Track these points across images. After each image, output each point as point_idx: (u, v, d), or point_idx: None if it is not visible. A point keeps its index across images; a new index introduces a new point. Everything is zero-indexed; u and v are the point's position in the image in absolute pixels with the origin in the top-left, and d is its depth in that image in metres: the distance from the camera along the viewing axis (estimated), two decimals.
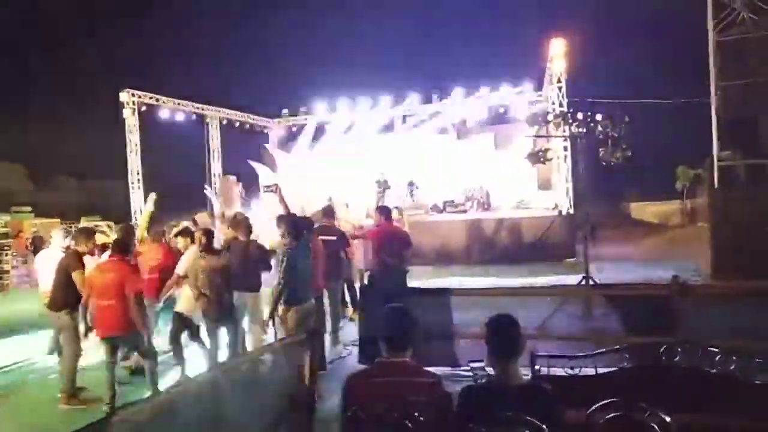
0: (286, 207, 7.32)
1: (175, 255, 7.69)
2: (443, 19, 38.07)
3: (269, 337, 6.96)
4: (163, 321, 7.79)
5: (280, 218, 7.20)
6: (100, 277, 6.11)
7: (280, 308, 6.31)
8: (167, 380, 6.67)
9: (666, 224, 25.23)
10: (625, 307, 6.28)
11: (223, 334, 6.86)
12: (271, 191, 7.45)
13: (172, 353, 7.20)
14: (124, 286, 6.02)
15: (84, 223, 24.16)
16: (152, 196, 8.15)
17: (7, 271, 16.56)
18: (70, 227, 22.69)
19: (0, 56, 27.15)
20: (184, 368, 7.02)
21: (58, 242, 7.95)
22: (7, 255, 16.87)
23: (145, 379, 6.44)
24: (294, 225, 6.63)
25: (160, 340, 7.67)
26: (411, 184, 20.82)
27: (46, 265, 7.70)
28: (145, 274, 7.46)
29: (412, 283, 8.53)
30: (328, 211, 9.08)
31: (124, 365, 7.11)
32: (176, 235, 8.06)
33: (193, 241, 7.70)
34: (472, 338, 5.99)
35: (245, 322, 7.44)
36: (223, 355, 6.92)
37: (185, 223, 9.27)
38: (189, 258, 7.27)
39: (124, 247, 6.43)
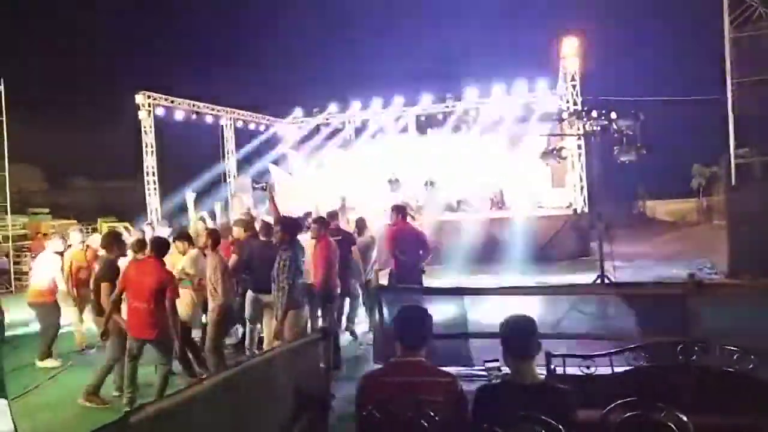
0: (276, 209, 7.13)
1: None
2: (456, 18, 37.99)
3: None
4: None
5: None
6: (137, 277, 6.15)
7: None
8: None
9: (682, 222, 25.05)
10: (641, 306, 6.24)
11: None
12: (262, 189, 7.17)
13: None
14: (159, 289, 6.06)
15: (101, 224, 24.38)
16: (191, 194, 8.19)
17: (26, 272, 16.72)
18: (87, 228, 22.87)
19: (15, 58, 27.31)
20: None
21: (54, 247, 8.66)
22: (26, 256, 17.05)
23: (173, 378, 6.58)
24: (288, 228, 6.51)
25: None
26: (428, 183, 20.74)
27: (38, 266, 8.69)
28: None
29: (426, 282, 8.55)
30: (333, 214, 9.19)
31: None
32: (175, 240, 8.11)
33: (191, 245, 7.72)
34: (486, 338, 5.97)
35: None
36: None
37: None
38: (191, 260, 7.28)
39: (160, 247, 6.44)
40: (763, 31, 12.16)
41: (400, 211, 8.50)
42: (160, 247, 6.44)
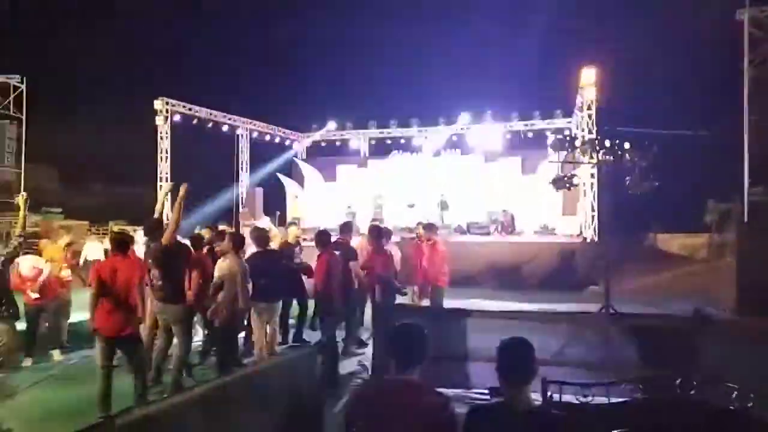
0: None
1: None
2: (474, 44, 38.18)
3: None
4: None
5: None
6: (110, 275, 6.02)
7: None
8: None
9: (693, 258, 24.79)
10: (645, 339, 6.18)
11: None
12: None
13: None
14: (130, 285, 6.03)
15: (111, 227, 24.51)
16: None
17: None
18: (98, 231, 22.98)
19: (39, 58, 27.67)
20: None
21: None
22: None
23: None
24: None
25: None
26: (441, 204, 20.65)
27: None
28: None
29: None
30: (344, 227, 9.29)
31: None
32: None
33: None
34: (486, 361, 5.92)
35: None
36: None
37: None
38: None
39: (123, 245, 6.34)
40: None
41: (373, 232, 8.61)
42: (120, 242, 6.35)
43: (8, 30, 29.70)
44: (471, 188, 21.40)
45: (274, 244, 9.18)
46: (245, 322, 8.05)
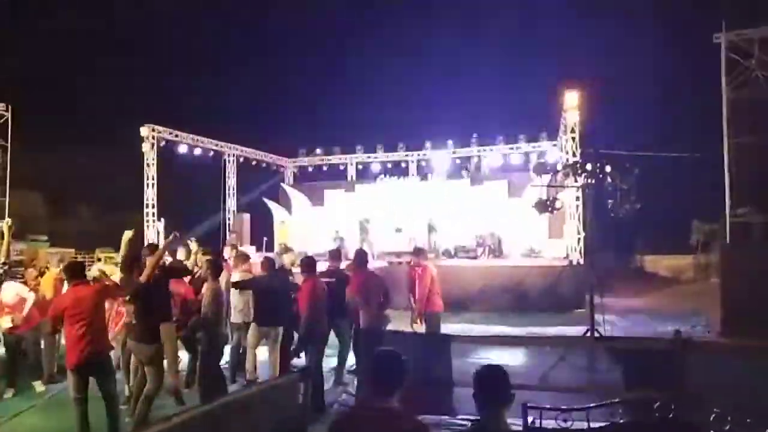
0: None
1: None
2: (459, 68, 38.62)
3: None
4: None
5: None
6: (75, 301, 5.91)
7: None
8: None
9: (679, 278, 24.93)
10: (628, 361, 6.20)
11: None
12: None
13: None
14: (98, 307, 5.98)
15: (98, 254, 24.38)
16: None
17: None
18: (85, 258, 22.84)
19: (23, 84, 27.64)
20: None
21: None
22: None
23: None
24: None
25: None
26: (430, 227, 20.67)
27: None
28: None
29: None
30: (334, 253, 9.26)
31: None
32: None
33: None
34: (470, 386, 5.91)
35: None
36: None
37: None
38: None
39: (79, 271, 6.31)
40: (762, 95, 12.29)
41: (358, 257, 8.58)
42: (74, 270, 6.32)
43: None
44: (458, 212, 21.47)
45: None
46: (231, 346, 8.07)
